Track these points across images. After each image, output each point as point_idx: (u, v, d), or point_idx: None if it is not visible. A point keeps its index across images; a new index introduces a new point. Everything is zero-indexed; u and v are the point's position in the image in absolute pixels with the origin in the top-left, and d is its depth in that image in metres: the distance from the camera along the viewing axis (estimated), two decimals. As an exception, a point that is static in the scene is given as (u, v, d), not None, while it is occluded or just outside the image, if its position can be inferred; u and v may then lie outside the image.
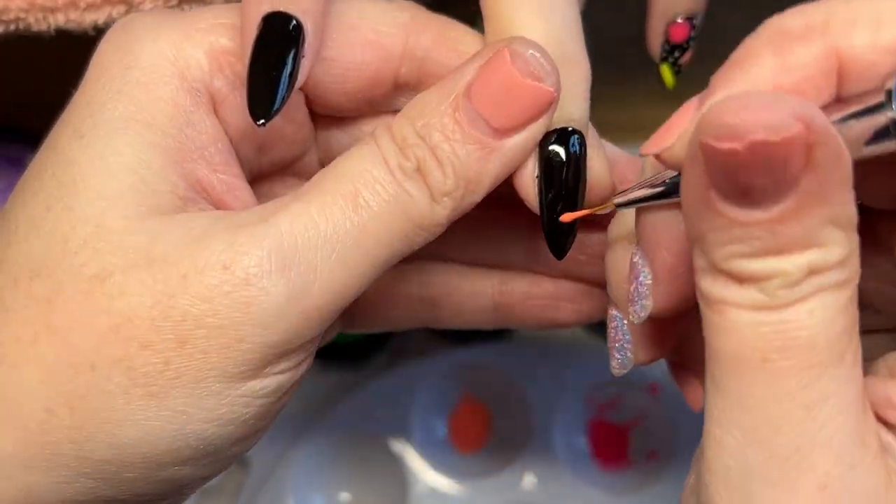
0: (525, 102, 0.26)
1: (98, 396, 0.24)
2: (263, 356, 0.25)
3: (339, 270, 0.25)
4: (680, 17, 0.37)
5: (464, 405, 0.52)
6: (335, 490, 0.51)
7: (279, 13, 0.26)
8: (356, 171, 0.25)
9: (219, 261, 0.24)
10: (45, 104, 0.56)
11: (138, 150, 0.25)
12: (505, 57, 0.25)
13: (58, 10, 0.34)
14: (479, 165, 0.26)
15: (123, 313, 0.24)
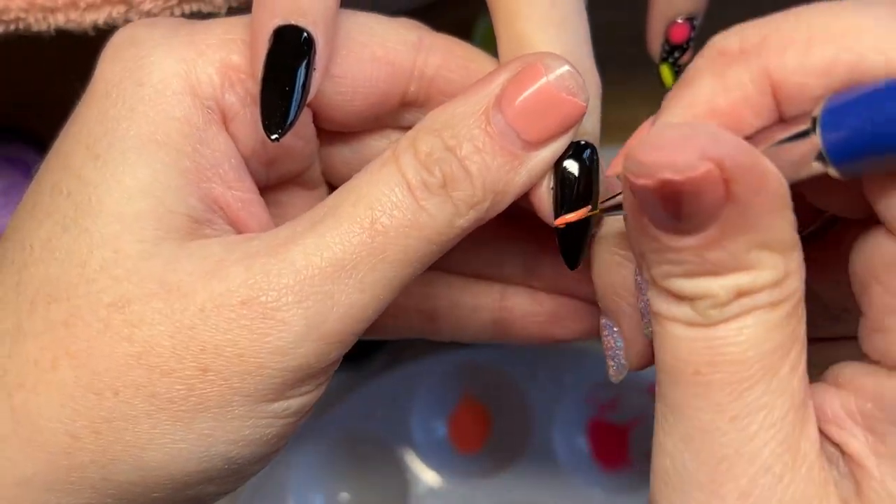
0: (558, 116, 0.26)
1: (122, 421, 0.25)
2: (284, 380, 0.25)
3: (357, 296, 0.25)
4: (680, 17, 0.37)
5: (464, 405, 0.52)
6: (335, 490, 0.51)
7: (290, 26, 0.26)
8: (374, 195, 0.25)
9: (235, 297, 0.25)
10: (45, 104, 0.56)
11: (155, 172, 0.26)
12: (539, 70, 0.26)
13: (58, 10, 0.34)
14: (509, 177, 0.26)
15: (145, 342, 0.25)
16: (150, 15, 0.35)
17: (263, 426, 0.26)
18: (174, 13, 0.34)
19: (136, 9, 0.34)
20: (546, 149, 0.26)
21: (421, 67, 0.28)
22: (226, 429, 0.25)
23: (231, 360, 0.25)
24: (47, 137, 0.54)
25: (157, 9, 0.34)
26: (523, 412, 0.51)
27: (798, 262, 0.22)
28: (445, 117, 0.26)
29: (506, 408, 0.51)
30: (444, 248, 0.26)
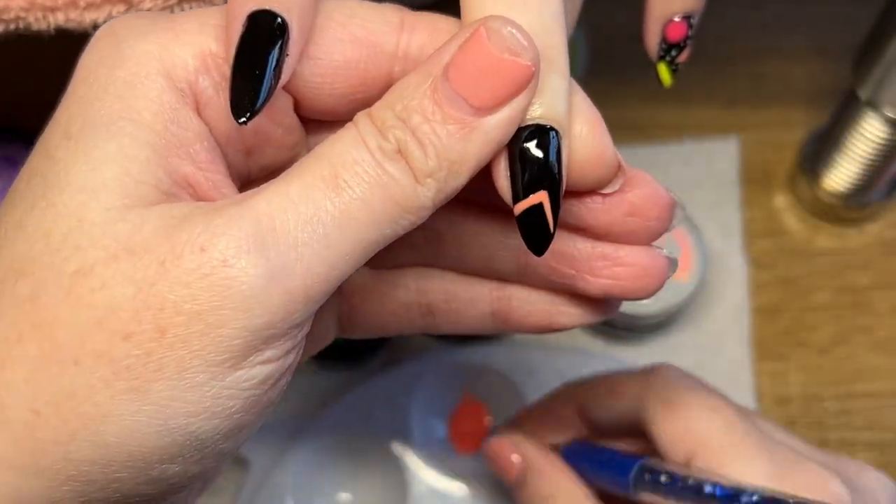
0: (503, 78, 0.25)
1: (82, 393, 0.24)
2: (246, 342, 0.24)
3: (323, 251, 0.25)
4: (677, 16, 0.37)
5: (464, 405, 0.52)
6: (335, 490, 0.51)
7: (264, 11, 0.25)
8: (336, 153, 0.25)
9: (196, 243, 0.24)
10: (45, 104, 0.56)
11: (122, 145, 0.25)
12: (481, 34, 0.25)
13: (58, 10, 0.34)
14: (461, 145, 0.25)
15: (106, 306, 0.24)
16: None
17: (225, 397, 0.25)
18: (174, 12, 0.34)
19: (135, 8, 0.34)
20: (499, 113, 0.26)
21: (405, 48, 0.28)
22: (185, 399, 0.24)
23: (190, 317, 0.24)
24: (47, 137, 0.54)
25: (156, 8, 0.34)
26: (523, 412, 0.51)
27: None
28: (399, 88, 0.26)
29: (506, 408, 0.51)
30: (416, 217, 0.26)
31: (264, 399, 0.26)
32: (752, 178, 0.56)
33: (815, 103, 0.56)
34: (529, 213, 0.27)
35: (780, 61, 0.57)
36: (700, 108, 0.57)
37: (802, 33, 0.58)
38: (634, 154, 0.55)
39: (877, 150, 0.49)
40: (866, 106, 0.47)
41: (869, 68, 0.45)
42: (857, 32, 0.46)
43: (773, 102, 0.57)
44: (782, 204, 0.55)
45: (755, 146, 0.56)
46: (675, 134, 0.56)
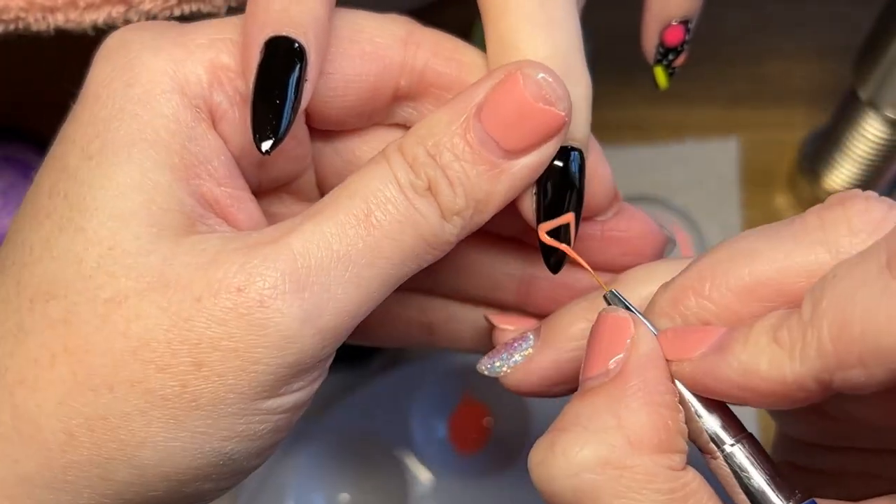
0: (536, 126, 0.26)
1: (117, 418, 0.25)
2: (279, 377, 0.25)
3: (353, 290, 0.25)
4: (675, 20, 0.37)
5: (464, 405, 0.52)
6: (335, 490, 0.51)
7: (281, 37, 0.26)
8: (368, 190, 0.26)
9: (233, 283, 0.24)
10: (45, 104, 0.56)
11: (146, 170, 0.26)
12: (517, 80, 0.26)
13: (57, 10, 0.34)
14: (489, 186, 0.26)
15: (140, 337, 0.24)
16: (149, 15, 0.35)
17: (257, 422, 0.26)
18: (174, 13, 0.34)
19: (135, 8, 0.34)
20: (527, 157, 0.26)
21: (411, 62, 0.28)
22: (219, 426, 0.25)
23: (226, 354, 0.24)
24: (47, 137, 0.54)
25: (156, 8, 0.34)
26: (523, 412, 0.51)
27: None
28: (430, 124, 0.26)
29: (506, 408, 0.51)
30: (440, 252, 0.26)
31: (292, 419, 0.27)
32: (752, 179, 0.56)
33: (815, 103, 0.56)
34: (554, 233, 0.27)
35: (780, 61, 0.57)
36: (700, 109, 0.57)
37: (802, 33, 0.58)
38: (634, 154, 0.55)
39: (877, 150, 0.48)
40: (866, 106, 0.47)
41: (869, 68, 0.45)
42: (857, 32, 0.46)
43: (773, 102, 0.57)
44: (782, 204, 0.55)
45: (755, 146, 0.56)
46: (675, 134, 0.56)
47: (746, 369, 0.23)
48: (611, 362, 0.24)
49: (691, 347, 0.24)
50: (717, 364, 0.23)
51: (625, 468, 0.23)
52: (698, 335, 0.24)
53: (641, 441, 0.23)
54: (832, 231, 0.23)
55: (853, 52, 0.46)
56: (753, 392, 0.23)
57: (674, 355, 0.24)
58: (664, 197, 0.54)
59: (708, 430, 0.24)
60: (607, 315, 0.25)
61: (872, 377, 0.21)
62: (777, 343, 0.22)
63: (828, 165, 0.51)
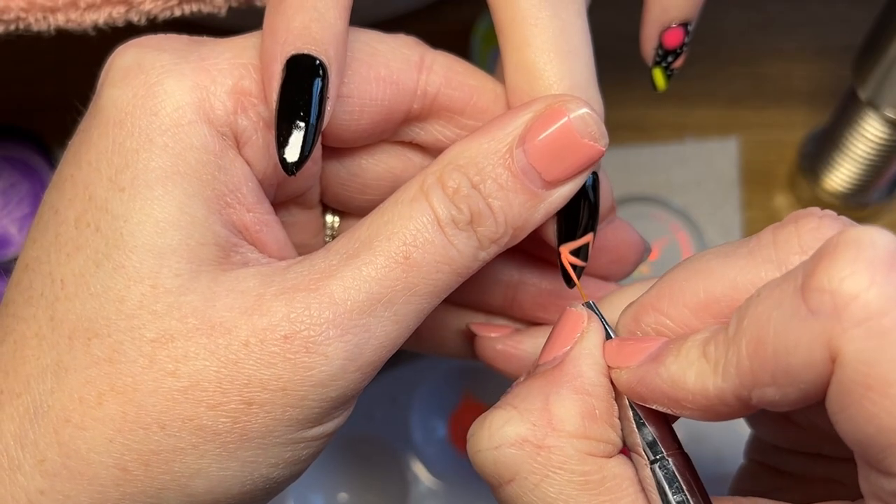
0: (579, 159, 0.27)
1: (170, 453, 0.25)
2: (322, 409, 0.27)
3: (391, 327, 0.26)
4: (674, 22, 0.37)
5: (464, 405, 0.52)
6: (335, 490, 0.51)
7: (302, 56, 0.26)
8: (408, 231, 0.26)
9: (278, 332, 0.25)
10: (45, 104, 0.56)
11: (181, 205, 0.26)
12: (563, 113, 0.26)
13: (58, 10, 0.34)
14: (528, 214, 0.27)
15: (191, 377, 0.25)
16: (149, 15, 0.35)
17: (302, 449, 0.27)
18: (174, 13, 0.34)
19: (136, 9, 0.34)
20: (564, 187, 0.27)
21: (423, 86, 0.29)
22: (268, 454, 0.26)
23: (275, 393, 0.26)
24: (47, 137, 0.54)
25: (157, 9, 0.34)
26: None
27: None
28: (471, 153, 0.27)
29: (506, 408, 0.51)
30: (465, 278, 0.27)
31: (330, 441, 0.28)
32: (752, 179, 0.56)
33: (815, 103, 0.56)
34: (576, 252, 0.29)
35: (780, 61, 0.57)
36: (700, 108, 0.57)
37: (802, 33, 0.58)
38: (634, 154, 0.55)
39: (877, 151, 0.48)
40: (866, 106, 0.46)
41: (869, 68, 0.45)
42: (857, 32, 0.46)
43: (773, 102, 0.57)
44: (782, 204, 0.55)
45: (755, 146, 0.56)
46: (675, 134, 0.56)
47: (674, 381, 0.24)
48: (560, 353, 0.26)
49: (631, 356, 0.25)
50: (649, 373, 0.24)
51: (542, 447, 0.24)
52: (639, 345, 0.25)
53: (563, 424, 0.25)
54: (783, 249, 0.24)
55: (853, 52, 0.46)
56: (680, 403, 0.24)
57: (614, 362, 0.25)
58: (664, 197, 0.54)
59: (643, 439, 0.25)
60: (570, 310, 0.27)
61: (786, 395, 0.22)
62: (705, 357, 0.23)
63: (827, 165, 0.51)
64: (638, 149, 0.56)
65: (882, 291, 0.20)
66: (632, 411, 0.25)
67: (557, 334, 0.27)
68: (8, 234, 0.52)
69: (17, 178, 0.53)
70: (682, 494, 0.25)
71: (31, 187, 0.53)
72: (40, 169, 0.53)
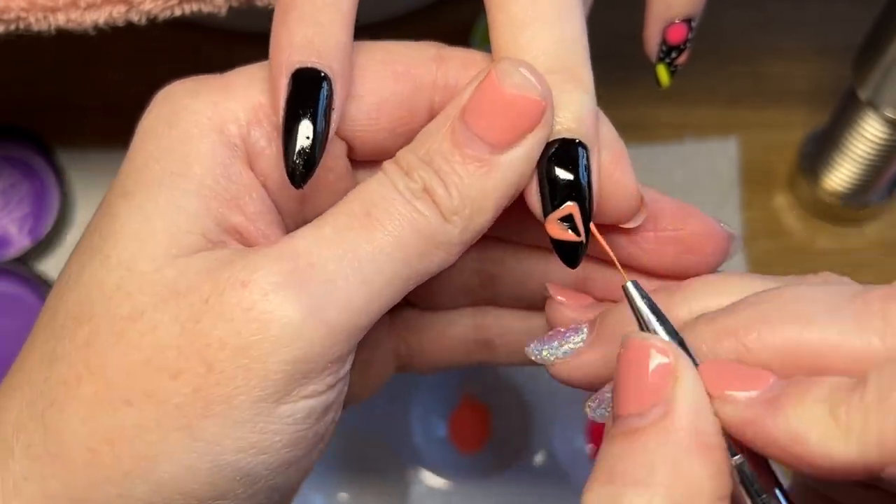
0: (514, 115, 0.26)
1: (134, 432, 0.25)
2: (288, 375, 0.25)
3: (357, 285, 0.26)
4: (678, 18, 0.37)
5: (464, 405, 0.52)
6: (335, 490, 0.51)
7: (307, 68, 0.26)
8: (367, 193, 0.26)
9: (237, 279, 0.25)
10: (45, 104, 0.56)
11: (173, 197, 0.26)
12: (492, 76, 0.26)
13: (58, 10, 0.34)
14: (481, 183, 0.26)
15: (153, 346, 0.25)
16: (150, 15, 0.35)
17: (271, 433, 0.26)
18: (174, 12, 0.35)
19: (136, 8, 0.35)
20: (515, 150, 0.26)
21: (443, 79, 0.29)
22: (234, 436, 0.25)
23: (234, 353, 0.25)
24: (47, 137, 0.54)
25: (157, 9, 0.34)
26: (523, 412, 0.51)
27: None
28: (421, 135, 0.27)
29: (506, 408, 0.51)
30: (447, 254, 0.27)
31: (311, 434, 0.27)
32: (752, 179, 0.56)
33: (815, 103, 0.56)
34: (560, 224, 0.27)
35: (780, 61, 0.57)
36: (700, 108, 0.56)
37: (802, 33, 0.58)
38: (634, 154, 0.55)
39: (877, 151, 0.49)
40: (866, 106, 0.47)
41: (869, 68, 0.45)
42: (857, 32, 0.46)
43: (773, 102, 0.57)
44: (782, 204, 0.55)
45: (755, 146, 0.56)
46: (675, 134, 0.56)
47: (795, 435, 0.22)
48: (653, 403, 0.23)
49: (736, 385, 0.23)
50: (765, 419, 0.22)
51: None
52: (746, 375, 0.23)
53: (703, 492, 0.22)
54: (892, 324, 0.23)
55: (853, 51, 0.46)
56: (794, 459, 0.22)
57: (715, 391, 0.23)
58: (664, 197, 0.54)
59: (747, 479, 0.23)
60: (637, 341, 0.24)
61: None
62: (834, 419, 0.21)
63: (827, 165, 0.51)
64: (638, 149, 0.56)
65: None
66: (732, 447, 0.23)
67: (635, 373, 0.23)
68: (8, 234, 0.52)
69: (17, 178, 0.53)
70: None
71: (31, 187, 0.53)
72: (40, 169, 0.53)
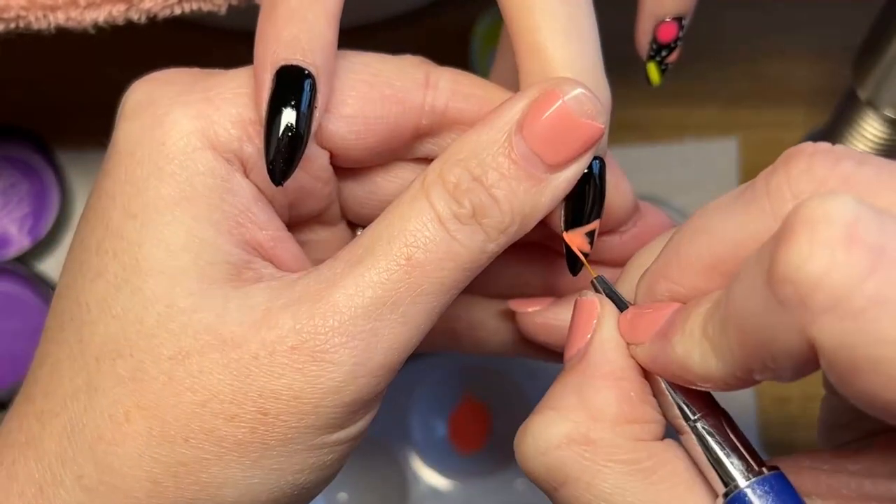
0: (579, 139, 0.27)
1: (196, 464, 0.26)
2: (338, 415, 0.27)
3: (399, 329, 0.26)
4: (668, 16, 0.37)
5: (464, 405, 0.52)
6: (334, 490, 0.51)
7: (292, 66, 0.27)
8: (408, 231, 0.26)
9: (286, 343, 0.26)
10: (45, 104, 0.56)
11: (190, 228, 0.27)
12: (557, 95, 0.26)
13: (58, 9, 0.34)
14: (535, 200, 0.27)
15: (206, 390, 0.26)
16: (150, 13, 0.35)
17: (325, 454, 0.27)
18: (174, 11, 0.35)
19: (136, 7, 0.35)
20: (568, 170, 0.27)
21: (431, 102, 0.29)
22: (291, 461, 0.27)
23: (288, 402, 0.26)
24: (47, 137, 0.54)
25: (157, 7, 0.34)
26: (523, 412, 0.50)
27: None
28: (470, 146, 0.27)
29: (506, 408, 0.51)
30: (476, 273, 0.27)
31: (356, 444, 0.29)
32: (751, 178, 0.55)
33: (815, 103, 0.56)
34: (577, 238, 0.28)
35: (780, 61, 0.57)
36: (700, 108, 0.56)
37: (802, 33, 0.58)
38: (634, 154, 0.55)
39: (876, 150, 0.48)
40: (866, 106, 0.46)
41: (869, 68, 0.45)
42: (857, 32, 0.46)
43: (773, 102, 0.57)
44: (782, 204, 0.55)
45: (755, 146, 0.56)
46: (675, 134, 0.56)
47: (682, 362, 0.23)
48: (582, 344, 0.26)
49: (645, 330, 0.25)
50: (661, 352, 0.24)
51: (588, 443, 0.24)
52: (652, 316, 0.25)
53: (603, 415, 0.24)
54: (776, 198, 0.23)
55: (853, 52, 0.46)
56: (690, 381, 0.24)
57: (631, 338, 0.25)
58: (664, 197, 0.54)
59: (677, 405, 0.25)
60: (582, 299, 0.27)
61: (783, 376, 0.21)
62: (706, 337, 0.23)
63: (827, 165, 0.51)
64: (638, 149, 0.56)
65: (845, 272, 0.19)
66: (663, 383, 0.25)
67: (576, 326, 0.26)
68: (8, 234, 0.52)
69: (17, 178, 0.53)
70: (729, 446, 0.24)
71: (31, 187, 0.53)
72: (40, 169, 0.53)
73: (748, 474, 0.24)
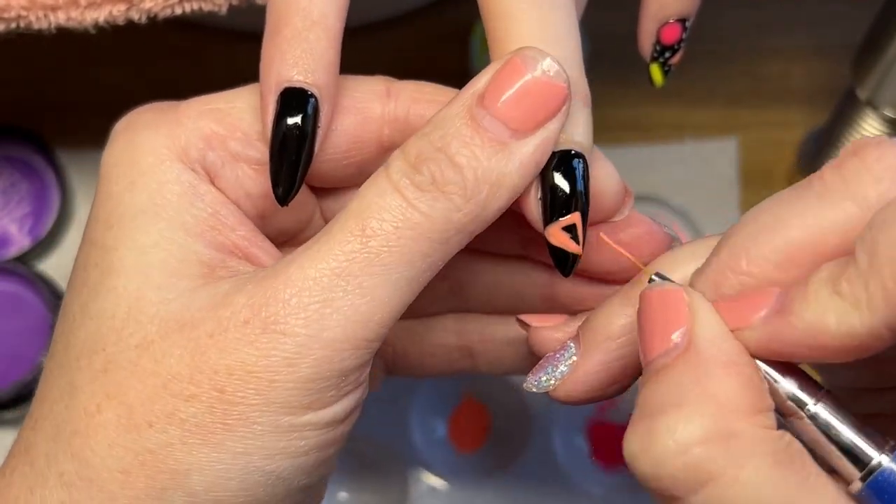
0: (539, 100, 0.26)
1: (162, 451, 0.26)
2: (299, 392, 0.26)
3: (358, 300, 0.26)
4: (672, 18, 0.37)
5: (464, 405, 0.52)
6: (334, 490, 0.51)
7: (296, 88, 0.27)
8: (363, 205, 0.26)
9: (238, 318, 0.26)
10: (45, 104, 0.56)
11: (160, 230, 0.28)
12: (516, 61, 0.26)
13: (59, 9, 0.34)
14: (500, 166, 0.26)
15: (166, 372, 0.26)
16: (150, 13, 0.35)
17: (296, 438, 0.27)
18: (175, 11, 0.35)
19: (136, 7, 0.35)
20: (535, 136, 0.26)
21: (392, 111, 0.29)
22: (258, 445, 0.26)
23: (242, 377, 0.26)
24: (47, 137, 0.54)
25: (157, 7, 0.34)
26: (523, 412, 0.51)
27: None
28: (434, 121, 0.27)
29: (506, 408, 0.51)
30: (451, 245, 0.27)
31: (337, 435, 0.28)
32: (751, 178, 0.56)
33: (815, 103, 0.56)
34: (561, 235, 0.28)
35: (779, 61, 0.57)
36: (700, 108, 0.57)
37: (802, 33, 0.58)
38: (634, 154, 0.55)
39: (876, 150, 0.48)
40: (865, 106, 0.47)
41: (868, 68, 0.45)
42: (856, 32, 0.46)
43: (772, 102, 0.57)
44: (782, 204, 0.55)
45: (755, 146, 0.56)
46: (675, 134, 0.56)
47: (814, 328, 0.22)
48: (674, 336, 0.24)
49: (749, 314, 0.24)
50: (782, 327, 0.23)
51: (731, 436, 0.22)
52: (752, 301, 0.24)
53: (737, 406, 0.23)
54: (855, 184, 0.23)
55: (852, 51, 0.46)
56: (824, 349, 0.22)
57: (734, 324, 0.24)
58: (664, 197, 0.54)
59: (787, 393, 0.24)
60: (652, 292, 0.24)
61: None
62: (840, 296, 0.22)
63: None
64: (637, 149, 0.56)
65: None
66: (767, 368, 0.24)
67: (653, 320, 0.24)
68: (8, 234, 0.52)
69: (17, 178, 0.53)
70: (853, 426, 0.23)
71: (30, 187, 0.53)
72: (40, 169, 0.53)
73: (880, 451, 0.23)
